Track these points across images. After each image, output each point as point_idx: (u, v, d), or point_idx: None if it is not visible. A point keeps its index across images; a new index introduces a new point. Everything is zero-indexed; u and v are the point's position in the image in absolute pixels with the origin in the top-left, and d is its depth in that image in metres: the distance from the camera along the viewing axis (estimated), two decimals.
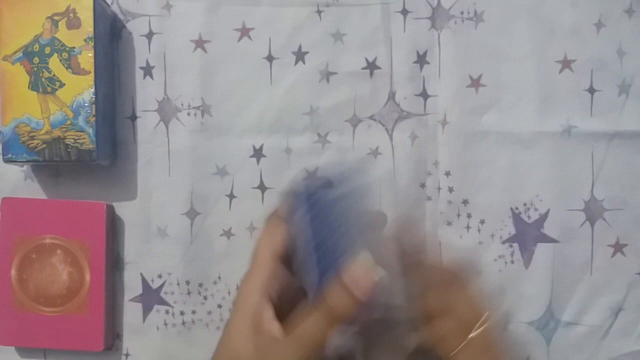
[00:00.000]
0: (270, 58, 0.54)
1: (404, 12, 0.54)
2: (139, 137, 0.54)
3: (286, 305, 0.36)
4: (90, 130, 0.49)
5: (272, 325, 0.34)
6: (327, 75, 0.54)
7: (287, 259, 0.37)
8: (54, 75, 0.50)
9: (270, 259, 0.37)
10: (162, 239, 0.54)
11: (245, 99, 0.54)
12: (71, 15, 0.50)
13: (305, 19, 0.54)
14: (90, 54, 0.50)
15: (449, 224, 0.53)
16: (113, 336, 0.54)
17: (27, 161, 0.50)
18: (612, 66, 0.53)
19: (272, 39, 0.54)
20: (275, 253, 0.37)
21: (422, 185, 0.54)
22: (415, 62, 0.54)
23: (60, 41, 0.50)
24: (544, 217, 0.53)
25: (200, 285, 0.54)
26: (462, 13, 0.54)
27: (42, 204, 0.53)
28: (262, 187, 0.54)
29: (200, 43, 0.54)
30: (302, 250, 0.37)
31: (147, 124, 0.54)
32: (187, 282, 0.54)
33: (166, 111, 0.54)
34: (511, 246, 0.53)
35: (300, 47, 0.54)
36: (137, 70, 0.54)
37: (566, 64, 0.53)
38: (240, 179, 0.54)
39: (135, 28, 0.54)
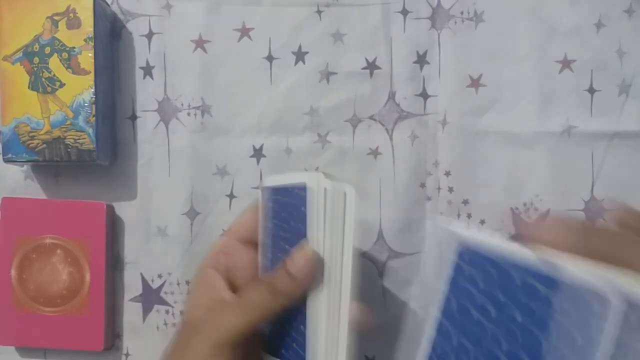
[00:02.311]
0: (270, 58, 0.54)
1: (404, 12, 0.54)
2: (139, 137, 0.54)
3: (245, 278, 0.42)
4: (90, 130, 0.50)
5: (223, 292, 0.39)
6: (327, 75, 0.54)
7: (252, 240, 0.43)
8: (54, 75, 0.50)
9: (226, 239, 0.43)
10: (162, 239, 0.54)
11: (245, 99, 0.54)
12: (71, 15, 0.50)
13: (305, 19, 0.54)
14: (90, 54, 0.50)
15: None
16: (113, 336, 0.54)
17: (27, 161, 0.50)
18: (612, 66, 0.53)
19: (272, 39, 0.54)
20: (234, 234, 0.43)
21: (422, 185, 0.54)
22: (415, 62, 0.54)
23: (60, 41, 0.50)
24: (544, 217, 0.53)
25: None
26: (462, 13, 0.54)
27: (42, 204, 0.53)
28: None
29: (200, 43, 0.54)
30: (261, 235, 0.42)
31: (147, 124, 0.54)
32: (187, 282, 0.54)
33: (166, 111, 0.54)
34: None
35: (300, 47, 0.54)
36: (137, 70, 0.54)
37: (566, 64, 0.53)
38: (240, 179, 0.54)
39: (135, 28, 0.54)
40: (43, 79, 0.50)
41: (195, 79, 0.54)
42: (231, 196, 0.54)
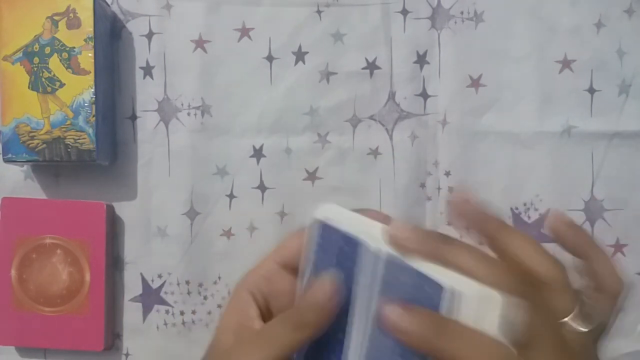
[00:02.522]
0: (270, 58, 0.54)
1: (404, 12, 0.54)
2: (139, 137, 0.54)
3: (282, 306, 0.38)
4: (90, 130, 0.50)
5: (254, 321, 0.37)
6: (327, 75, 0.54)
7: (295, 267, 0.39)
8: (54, 75, 0.50)
9: (269, 262, 0.39)
10: (162, 239, 0.54)
11: (245, 99, 0.54)
12: (71, 15, 0.50)
13: (305, 19, 0.54)
14: (90, 54, 0.50)
15: (449, 224, 0.53)
16: (113, 336, 0.54)
17: (27, 161, 0.50)
18: (612, 66, 0.53)
19: (272, 39, 0.54)
20: (278, 258, 0.39)
21: (422, 185, 0.54)
22: (415, 62, 0.54)
23: (60, 41, 0.50)
24: (544, 217, 0.53)
25: (200, 285, 0.54)
26: (462, 13, 0.54)
27: (42, 204, 0.53)
28: (262, 187, 0.54)
29: (200, 43, 0.54)
30: (303, 267, 0.39)
31: (147, 124, 0.54)
32: (187, 282, 0.54)
33: (166, 111, 0.54)
34: None
35: (300, 47, 0.54)
36: (137, 70, 0.54)
37: (566, 64, 0.53)
38: (240, 179, 0.54)
39: (135, 28, 0.54)
40: (43, 79, 0.50)
41: (195, 79, 0.54)
42: (231, 196, 0.54)
